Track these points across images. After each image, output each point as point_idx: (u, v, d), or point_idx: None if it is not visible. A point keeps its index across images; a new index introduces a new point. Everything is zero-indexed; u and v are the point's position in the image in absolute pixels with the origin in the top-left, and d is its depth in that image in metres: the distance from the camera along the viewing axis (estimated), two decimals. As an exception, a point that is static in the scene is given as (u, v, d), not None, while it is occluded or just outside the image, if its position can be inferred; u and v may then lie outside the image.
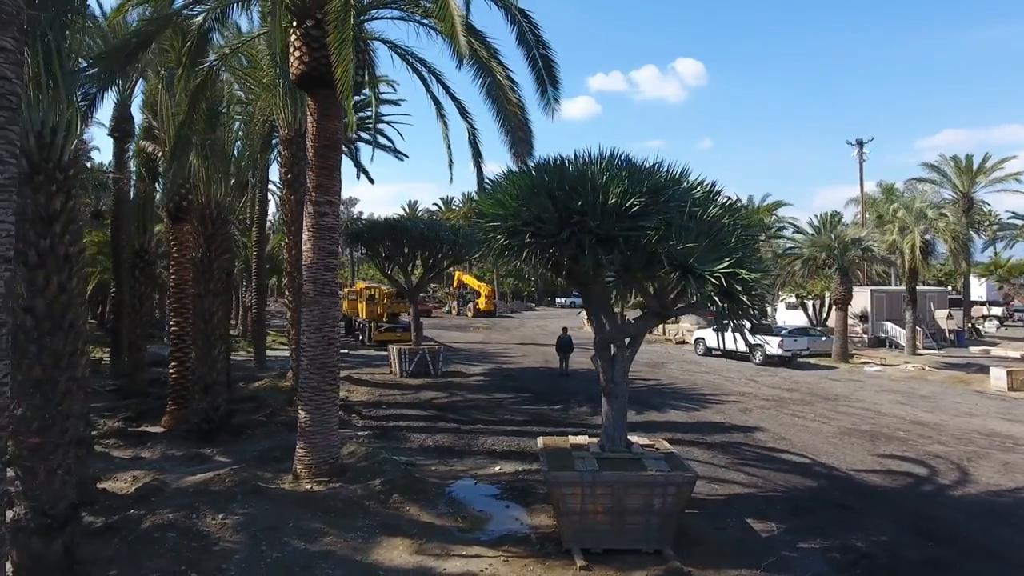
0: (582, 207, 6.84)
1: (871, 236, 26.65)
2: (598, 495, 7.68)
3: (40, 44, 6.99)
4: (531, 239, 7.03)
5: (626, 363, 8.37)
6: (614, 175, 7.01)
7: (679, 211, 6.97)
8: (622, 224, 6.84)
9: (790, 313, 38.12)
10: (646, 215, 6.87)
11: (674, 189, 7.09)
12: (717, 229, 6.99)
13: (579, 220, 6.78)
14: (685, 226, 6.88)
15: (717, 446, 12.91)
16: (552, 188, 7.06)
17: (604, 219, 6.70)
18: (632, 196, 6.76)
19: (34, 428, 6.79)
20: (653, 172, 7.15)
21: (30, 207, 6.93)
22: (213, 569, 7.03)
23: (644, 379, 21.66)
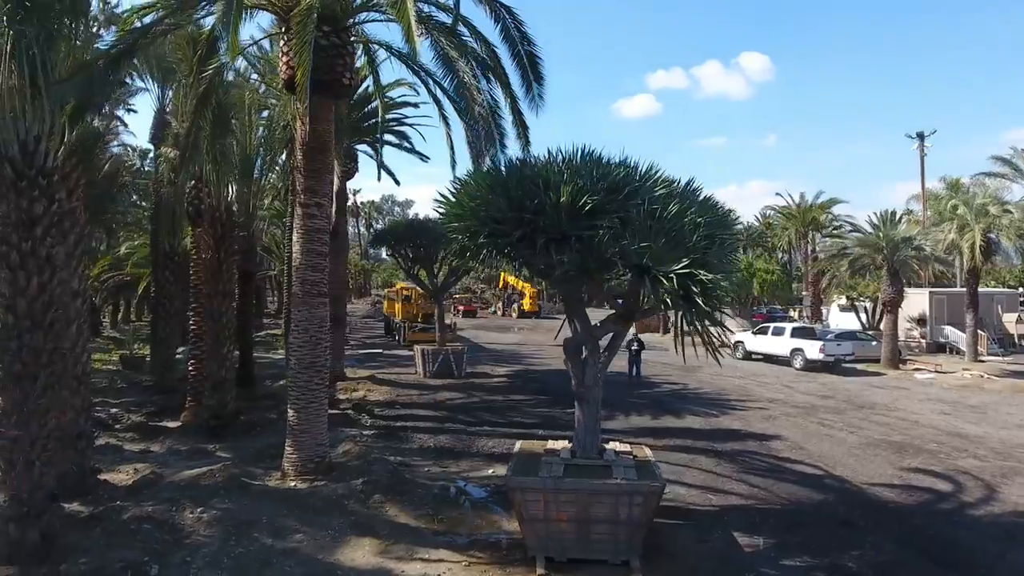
0: (536, 206, 6.67)
1: (924, 235, 25.05)
2: (561, 502, 7.47)
3: (26, 57, 7.37)
4: (486, 239, 6.91)
5: (597, 366, 8.12)
6: (574, 173, 6.79)
7: (638, 209, 6.70)
8: (577, 223, 6.63)
9: (843, 316, 36.38)
10: (602, 213, 6.63)
11: (634, 187, 6.81)
12: (678, 228, 6.67)
13: (531, 219, 6.61)
14: (644, 225, 6.61)
15: (726, 454, 12.40)
16: (510, 187, 6.92)
17: (557, 218, 6.51)
18: (585, 194, 6.53)
19: (13, 421, 7.14)
20: (610, 170, 6.88)
21: (13, 211, 7.31)
22: (178, 561, 7.23)
23: (671, 383, 21.10)
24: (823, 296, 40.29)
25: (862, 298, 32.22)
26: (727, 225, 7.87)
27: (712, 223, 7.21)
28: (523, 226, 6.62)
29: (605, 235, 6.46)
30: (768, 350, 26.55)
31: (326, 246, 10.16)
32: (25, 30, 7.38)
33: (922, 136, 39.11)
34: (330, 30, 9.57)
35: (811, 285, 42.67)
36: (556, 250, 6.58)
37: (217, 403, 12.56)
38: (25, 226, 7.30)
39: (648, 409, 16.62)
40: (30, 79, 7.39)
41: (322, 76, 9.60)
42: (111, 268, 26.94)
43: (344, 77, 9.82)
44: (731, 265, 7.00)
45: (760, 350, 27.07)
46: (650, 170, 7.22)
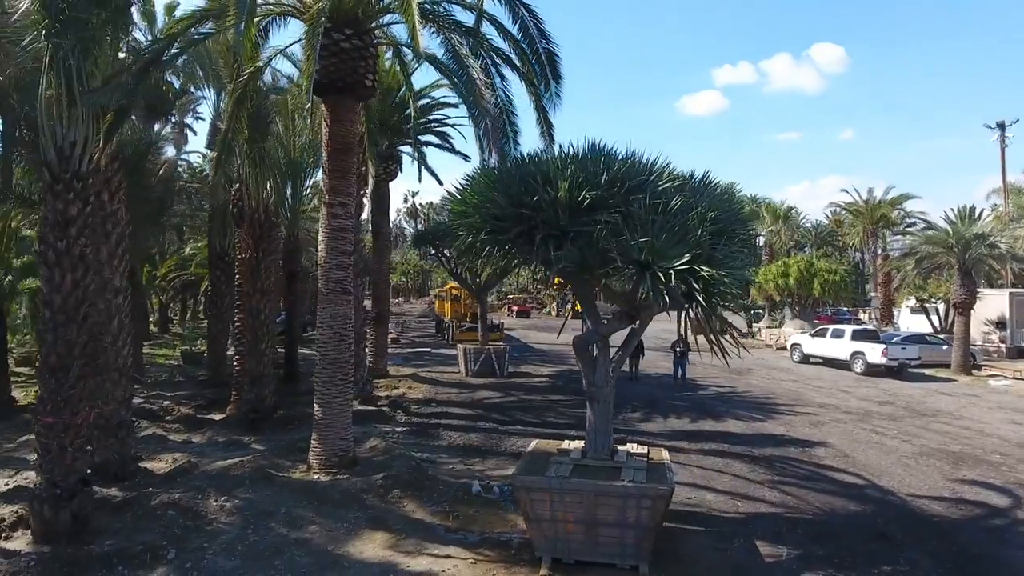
0: (535, 202, 6.58)
1: (1000, 231, 23.29)
2: (567, 503, 7.33)
3: (63, 68, 7.85)
4: (487, 236, 6.88)
5: (608, 365, 7.93)
6: (575, 168, 6.67)
7: (640, 203, 6.50)
8: (576, 219, 6.51)
9: (914, 318, 34.32)
10: (603, 208, 6.48)
11: (637, 180, 6.61)
12: (682, 222, 6.43)
13: (529, 215, 6.53)
14: (647, 219, 6.41)
15: (762, 460, 11.89)
16: (511, 184, 6.86)
17: (555, 214, 6.40)
18: (584, 188, 6.39)
19: (48, 409, 7.62)
20: (612, 163, 6.70)
21: (50, 212, 7.80)
22: (196, 547, 7.53)
23: (718, 386, 20.44)
24: (894, 297, 38.14)
25: (933, 299, 30.27)
26: (742, 220, 7.54)
27: (725, 218, 6.93)
28: (522, 222, 6.55)
29: (603, 230, 6.29)
30: (827, 353, 25.33)
31: (350, 244, 10.36)
32: (62, 42, 7.86)
33: (1003, 126, 36.35)
34: (352, 33, 9.78)
35: (881, 286, 40.45)
36: (554, 246, 6.47)
37: (255, 397, 13.03)
38: (60, 226, 7.77)
39: (688, 412, 16.15)
40: (67, 88, 7.87)
41: (344, 78, 9.85)
42: (178, 268, 28.41)
43: (367, 79, 9.99)
44: (742, 261, 6.67)
45: (818, 353, 25.87)
46: (655, 163, 7.00)
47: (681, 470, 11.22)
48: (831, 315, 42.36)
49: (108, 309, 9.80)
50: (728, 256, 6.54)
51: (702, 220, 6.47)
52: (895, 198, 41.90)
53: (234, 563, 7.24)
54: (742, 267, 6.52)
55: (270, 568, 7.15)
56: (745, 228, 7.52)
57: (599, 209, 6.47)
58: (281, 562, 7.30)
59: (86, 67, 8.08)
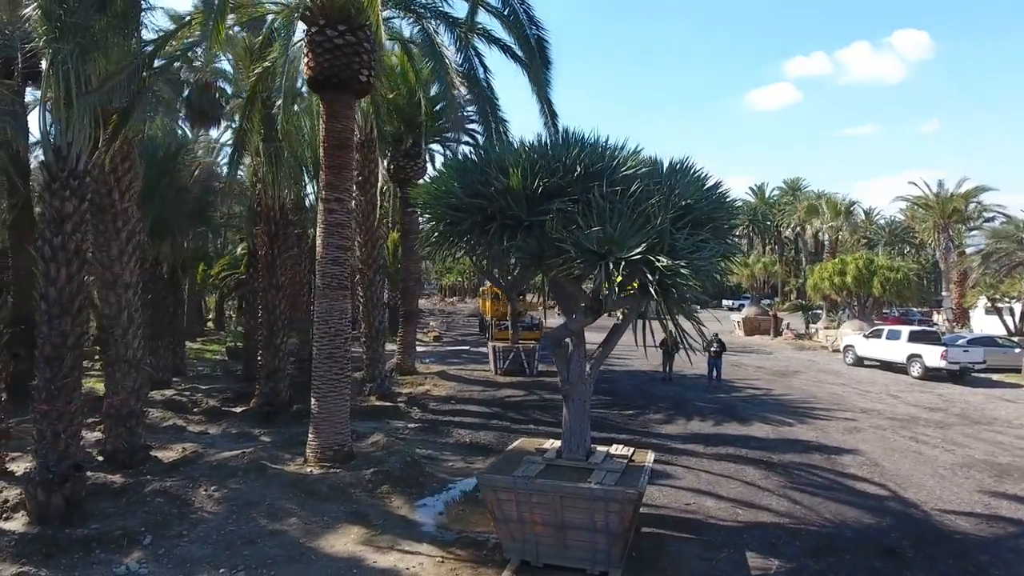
0: (492, 192, 6.39)
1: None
2: (534, 504, 7.09)
3: (61, 72, 8.21)
4: (446, 227, 6.73)
5: (582, 362, 7.62)
6: (532, 155, 6.43)
7: (599, 191, 6.20)
8: (534, 208, 6.27)
9: (989, 319, 31.89)
10: (559, 196, 6.21)
11: (596, 167, 6.30)
12: (642, 208, 6.08)
13: (483, 205, 6.33)
14: (603, 207, 6.10)
15: (780, 466, 11.21)
16: (470, 174, 6.69)
17: (509, 203, 6.18)
18: (538, 176, 6.15)
19: (43, 397, 7.99)
20: (569, 150, 6.41)
21: (48, 210, 8.18)
22: (173, 534, 7.72)
23: (755, 388, 19.53)
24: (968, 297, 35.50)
25: (1007, 299, 27.95)
26: (725, 208, 7.09)
27: (703, 206, 6.52)
28: (477, 213, 6.36)
29: (555, 219, 6.02)
30: (882, 356, 23.80)
31: (346, 240, 10.43)
32: (61, 47, 8.23)
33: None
34: (345, 29, 9.83)
35: (956, 284, 37.70)
36: (508, 236, 6.25)
37: (270, 391, 13.35)
38: (57, 223, 8.13)
39: (714, 415, 15.47)
40: (65, 91, 8.23)
41: (338, 74, 9.92)
42: (229, 267, 29.60)
43: (361, 75, 10.02)
44: (710, 251, 6.23)
45: (873, 356, 24.34)
46: (619, 148, 6.66)
47: (687, 474, 10.75)
48: (899, 316, 39.88)
49: (118, 303, 10.21)
50: (693, 246, 6.14)
51: (664, 207, 6.10)
52: (969, 191, 38.90)
53: (206, 551, 7.37)
54: (709, 257, 6.09)
55: (238, 558, 7.24)
56: (729, 217, 7.05)
57: (556, 197, 6.20)
58: (251, 552, 7.38)
59: (84, 71, 8.43)
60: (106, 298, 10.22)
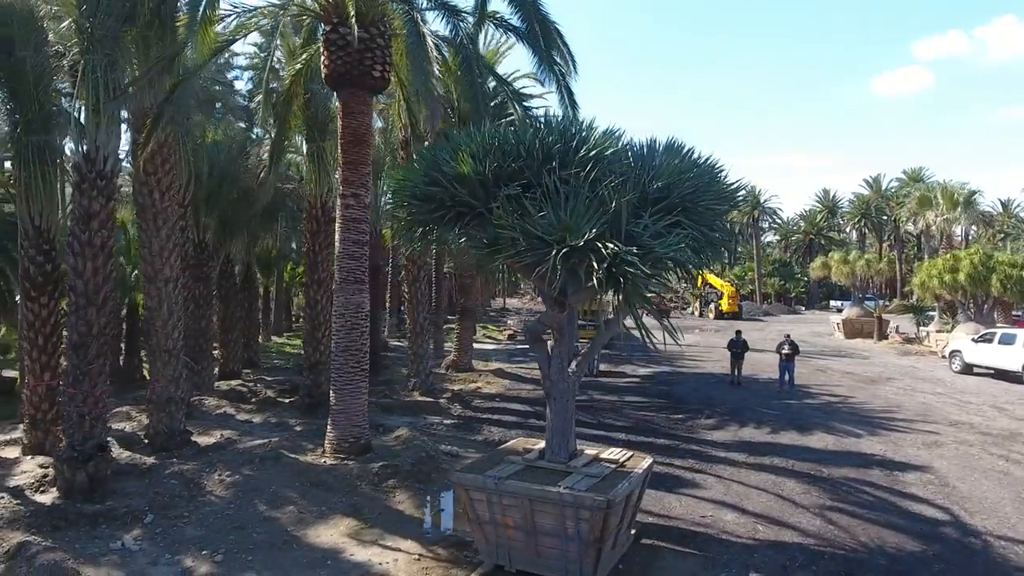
0: (450, 179, 6.15)
1: None
2: (506, 506, 6.76)
3: (90, 80, 8.87)
4: (409, 217, 6.57)
5: (565, 358, 7.18)
6: (485, 140, 6.13)
7: (555, 175, 5.79)
8: (488, 194, 5.97)
9: None
10: (512, 181, 5.87)
11: (552, 149, 5.89)
12: (597, 191, 5.61)
13: (438, 192, 6.11)
14: (561, 191, 5.70)
15: (826, 481, 10.11)
16: (433, 162, 6.49)
17: (457, 189, 5.92)
18: (487, 160, 5.84)
19: (70, 381, 8.64)
20: (523, 132, 6.02)
21: (77, 208, 8.85)
22: (175, 515, 8.08)
23: (832, 395, 17.85)
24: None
25: None
26: (715, 192, 6.42)
27: (682, 191, 5.93)
28: (432, 201, 6.14)
29: (504, 205, 5.68)
30: (994, 363, 21.05)
31: (364, 235, 10.53)
32: (91, 58, 8.88)
33: None
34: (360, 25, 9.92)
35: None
36: (461, 225, 5.98)
37: (312, 383, 13.79)
38: (84, 220, 8.78)
39: (773, 422, 14.27)
40: (95, 98, 8.87)
41: (351, 71, 10.03)
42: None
43: (374, 70, 10.09)
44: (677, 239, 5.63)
45: (984, 362, 21.58)
46: (590, 128, 6.18)
47: (716, 484, 9.94)
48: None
49: (159, 296, 10.90)
50: (657, 232, 5.59)
51: (621, 189, 5.59)
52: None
53: (198, 533, 7.66)
54: (674, 245, 5.51)
55: (224, 541, 7.45)
56: (720, 202, 6.37)
57: (513, 182, 5.86)
58: (237, 537, 7.58)
59: (112, 79, 9.05)
60: (148, 291, 10.94)
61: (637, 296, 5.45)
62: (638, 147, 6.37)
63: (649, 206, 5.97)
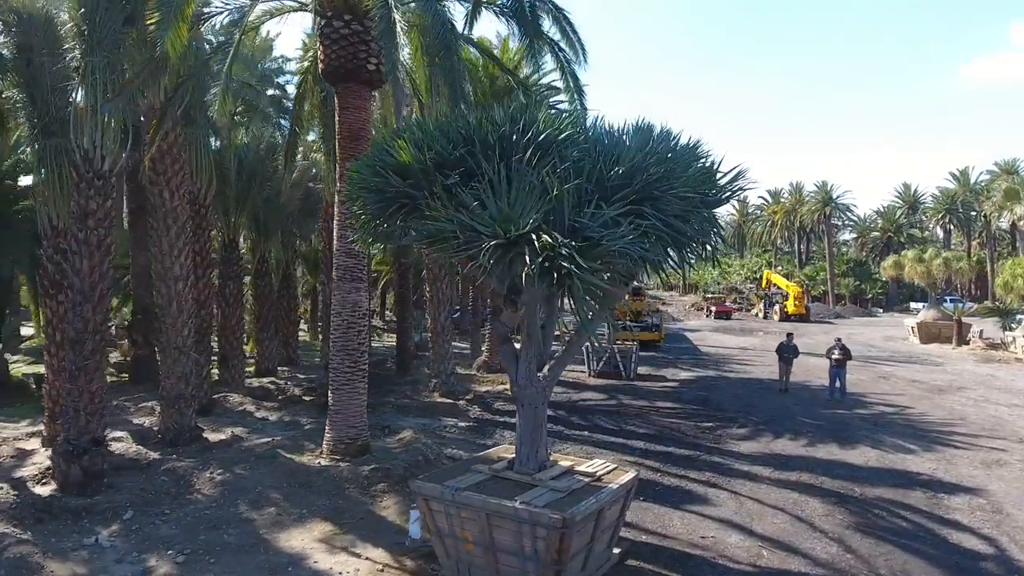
0: (392, 170, 5.79)
1: None
2: (464, 519, 6.33)
3: (90, 82, 9.05)
4: (359, 210, 6.24)
5: (533, 362, 6.65)
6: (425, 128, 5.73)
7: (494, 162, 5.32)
8: (429, 184, 5.56)
9: None
10: (453, 170, 5.44)
11: (494, 135, 5.40)
12: (538, 178, 5.08)
13: (380, 183, 5.75)
14: (496, 180, 5.23)
15: (857, 502, 9.10)
16: (379, 151, 6.15)
17: (391, 179, 5.53)
18: (426, 148, 5.42)
19: (67, 377, 8.83)
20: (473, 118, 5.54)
21: (75, 207, 9.03)
22: (156, 512, 8.09)
23: (888, 404, 16.35)
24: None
25: None
26: (694, 179, 5.76)
27: (651, 179, 5.33)
28: (375, 193, 5.79)
29: (442, 196, 5.24)
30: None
31: (361, 232, 10.30)
32: (91, 59, 9.06)
33: None
34: (351, 18, 9.74)
35: None
36: (403, 218, 5.59)
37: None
38: (82, 218, 8.95)
39: (812, 433, 13.14)
40: (94, 99, 9.04)
41: (345, 64, 9.86)
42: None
43: (369, 63, 9.88)
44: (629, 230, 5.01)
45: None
46: (523, 113, 5.64)
47: (729, 501, 9.13)
48: None
49: (168, 294, 11.08)
50: (606, 224, 5.01)
51: (564, 177, 5.04)
52: None
53: (172, 532, 7.61)
54: (621, 238, 4.91)
55: (194, 542, 7.36)
56: (691, 190, 5.69)
57: (454, 171, 5.43)
58: (208, 537, 7.48)
59: (112, 80, 9.21)
60: (157, 289, 11.14)
61: (578, 293, 4.89)
62: (608, 132, 5.79)
63: (609, 195, 5.40)
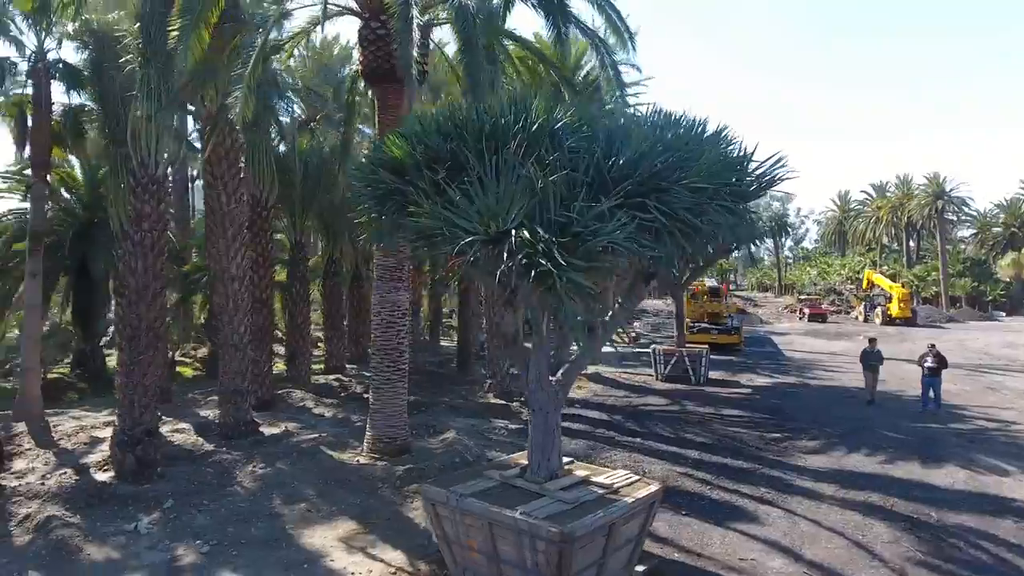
0: (394, 168, 5.66)
1: None
2: (468, 526, 6.11)
3: (145, 91, 9.57)
4: (363, 208, 6.16)
5: (544, 364, 6.31)
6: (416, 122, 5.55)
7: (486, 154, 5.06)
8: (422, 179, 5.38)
9: None
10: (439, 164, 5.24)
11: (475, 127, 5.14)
12: (519, 172, 4.77)
13: (375, 179, 5.63)
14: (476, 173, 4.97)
15: (931, 528, 8.09)
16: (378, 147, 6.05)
17: (395, 176, 5.39)
18: (417, 142, 5.24)
19: (123, 371, 9.37)
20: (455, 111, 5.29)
21: (131, 210, 9.58)
22: (194, 502, 8.40)
23: (993, 419, 14.56)
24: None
25: None
26: (705, 168, 5.26)
27: (657, 168, 4.90)
28: (371, 187, 5.68)
29: (430, 190, 5.04)
30: None
31: (401, 232, 10.33)
32: (147, 72, 9.58)
33: None
34: (386, 19, 9.76)
35: None
36: (396, 215, 5.43)
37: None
38: (136, 221, 9.48)
39: (893, 448, 11.87)
40: (148, 108, 9.56)
41: (381, 64, 9.91)
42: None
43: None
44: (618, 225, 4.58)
45: None
46: (510, 104, 5.31)
47: (781, 521, 8.38)
48: None
49: (225, 293, 11.58)
50: (598, 217, 4.64)
51: (553, 168, 4.70)
52: None
53: (206, 522, 7.88)
54: (608, 234, 4.50)
55: (221, 533, 7.58)
56: (705, 181, 5.17)
57: (443, 166, 5.22)
58: (236, 530, 7.67)
59: (165, 89, 9.70)
60: (215, 288, 11.67)
61: (553, 292, 4.52)
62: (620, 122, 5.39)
63: (611, 187, 5.00)
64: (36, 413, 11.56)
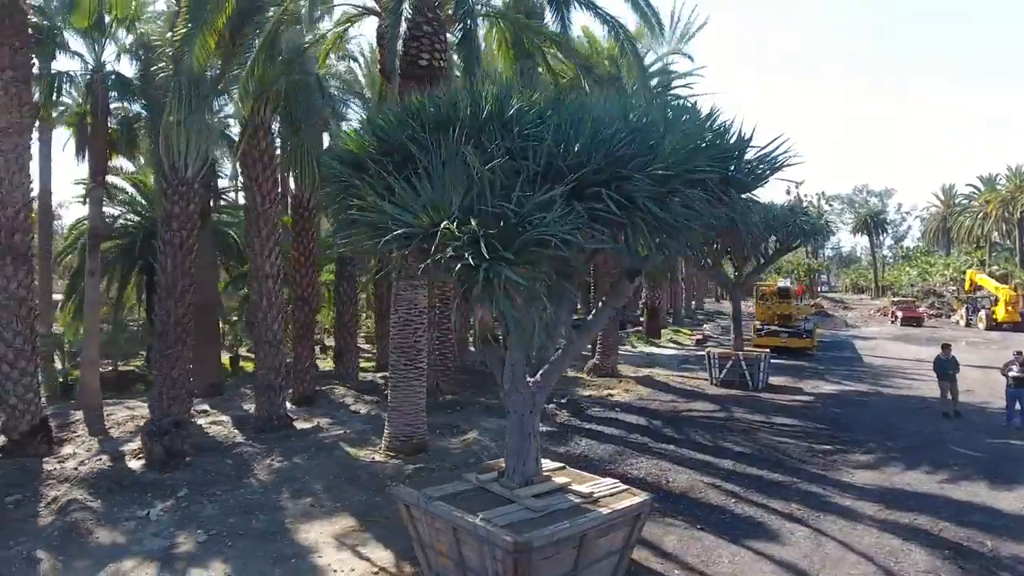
0: (353, 162, 5.59)
1: None
2: (437, 530, 5.93)
3: (176, 96, 10.04)
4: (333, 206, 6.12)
5: (519, 367, 6.03)
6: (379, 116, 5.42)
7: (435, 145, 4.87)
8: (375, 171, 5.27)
9: None
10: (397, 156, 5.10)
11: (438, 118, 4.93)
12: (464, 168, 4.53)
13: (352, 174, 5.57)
14: (427, 163, 4.78)
15: (980, 559, 7.16)
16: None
17: (337, 168, 5.30)
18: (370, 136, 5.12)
19: (154, 365, 9.85)
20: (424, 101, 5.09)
21: (163, 211, 10.06)
22: (207, 492, 8.69)
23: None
24: None
25: None
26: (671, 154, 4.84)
27: (626, 153, 4.56)
28: (332, 183, 5.61)
29: (376, 184, 4.90)
30: None
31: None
32: (178, 79, 10.05)
33: None
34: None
35: None
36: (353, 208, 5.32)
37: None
38: (167, 221, 9.95)
39: (957, 468, 10.63)
40: (179, 112, 10.02)
41: (398, 61, 9.91)
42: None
43: (421, 59, 9.81)
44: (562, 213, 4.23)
45: None
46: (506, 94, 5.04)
47: (806, 541, 7.70)
48: None
49: (260, 291, 11.95)
50: (539, 207, 4.35)
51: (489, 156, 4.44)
52: None
53: (213, 512, 8.12)
54: (546, 226, 4.19)
55: (223, 524, 7.78)
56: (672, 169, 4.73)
57: (393, 158, 5.08)
58: (236, 521, 7.86)
59: (195, 93, 10.14)
60: (250, 286, 12.08)
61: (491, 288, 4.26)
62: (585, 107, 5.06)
63: (566, 175, 4.69)
64: (94, 403, 12.36)
